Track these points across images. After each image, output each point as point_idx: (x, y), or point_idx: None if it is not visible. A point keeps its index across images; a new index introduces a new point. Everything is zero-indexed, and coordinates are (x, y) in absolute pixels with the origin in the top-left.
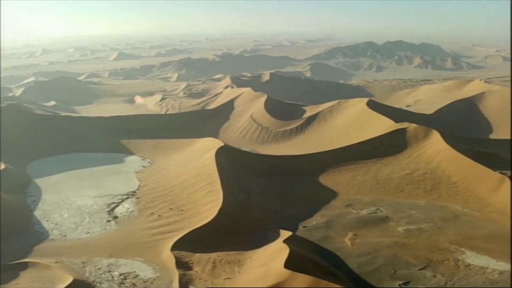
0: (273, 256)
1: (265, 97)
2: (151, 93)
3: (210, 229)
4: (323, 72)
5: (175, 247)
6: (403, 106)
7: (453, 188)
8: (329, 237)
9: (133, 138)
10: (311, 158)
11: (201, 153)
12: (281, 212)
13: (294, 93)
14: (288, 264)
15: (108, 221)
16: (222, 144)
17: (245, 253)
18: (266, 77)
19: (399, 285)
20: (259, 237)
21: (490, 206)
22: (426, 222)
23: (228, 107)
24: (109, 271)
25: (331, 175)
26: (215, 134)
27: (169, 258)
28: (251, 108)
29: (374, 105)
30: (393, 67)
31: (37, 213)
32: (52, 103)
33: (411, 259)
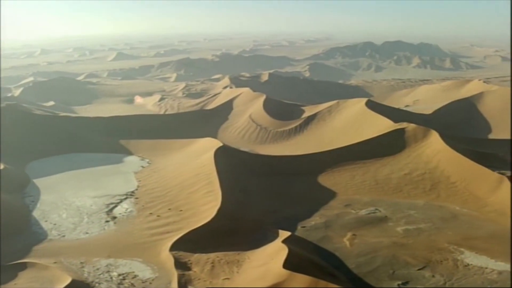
0: (272, 256)
1: (264, 97)
2: (150, 93)
3: (209, 229)
4: (322, 72)
5: (174, 247)
6: (402, 106)
7: (452, 188)
8: (328, 237)
9: (132, 138)
10: (310, 158)
11: (200, 153)
12: (280, 212)
13: (293, 93)
14: (287, 264)
15: (107, 221)
16: (221, 144)
17: (244, 253)
18: (265, 77)
19: (398, 285)
20: (258, 237)
21: (489, 206)
22: (425, 222)
23: (227, 107)
24: (107, 271)
25: (330, 175)
26: (214, 134)
27: (168, 258)
28: (250, 108)
29: (373, 105)
30: (392, 67)
31: (36, 213)
32: (51, 103)
33: (410, 259)
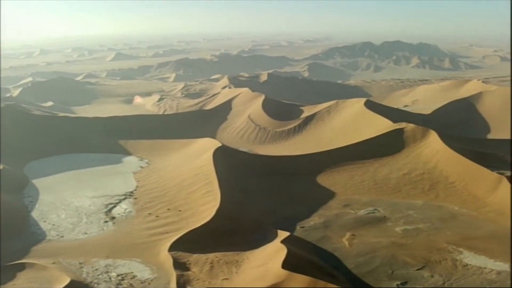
0: (270, 256)
1: (262, 97)
2: (149, 94)
3: (208, 229)
4: (321, 72)
5: (172, 248)
6: (401, 106)
7: (450, 188)
8: (327, 237)
9: (131, 138)
10: (309, 158)
11: (199, 153)
12: (279, 212)
13: (292, 93)
14: (285, 264)
15: (106, 221)
16: (220, 145)
17: (242, 253)
18: (264, 77)
19: (396, 285)
20: (257, 237)
21: (487, 206)
22: (424, 222)
23: (225, 108)
24: (106, 272)
25: (329, 175)
26: (212, 135)
27: (166, 258)
28: (248, 108)
29: (372, 105)
30: (391, 67)
31: (34, 213)
32: (49, 103)
33: (409, 259)
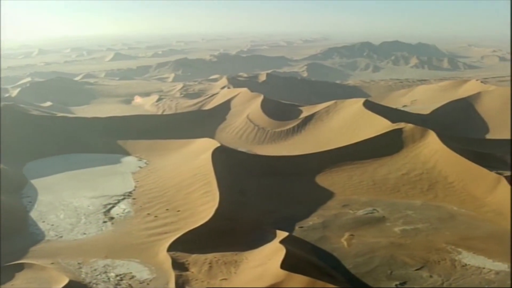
0: (269, 256)
1: (261, 97)
2: (147, 94)
3: (207, 229)
4: (319, 72)
5: (171, 248)
6: (399, 106)
7: (449, 188)
8: (325, 237)
9: (129, 138)
10: (307, 159)
11: (198, 153)
12: (277, 212)
13: (291, 94)
14: (284, 264)
15: (104, 222)
16: (219, 145)
17: (241, 253)
18: (262, 77)
19: (395, 285)
20: (255, 237)
21: (486, 206)
22: (423, 222)
23: (224, 108)
24: (105, 272)
25: (327, 176)
26: (211, 135)
27: (165, 259)
28: (247, 108)
29: (370, 105)
30: (389, 67)
31: (33, 214)
32: (48, 103)
33: (407, 259)
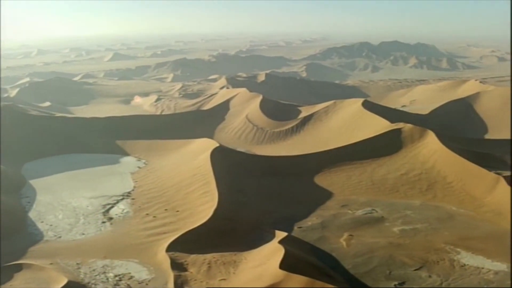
0: (268, 257)
1: (260, 97)
2: (146, 94)
3: (205, 230)
4: (318, 73)
5: (170, 248)
6: (398, 107)
7: (448, 188)
8: (324, 237)
9: (128, 138)
10: (306, 159)
11: (197, 153)
12: (276, 212)
13: (290, 94)
14: (283, 265)
15: (103, 222)
16: (218, 145)
17: (240, 254)
18: (261, 77)
19: (394, 285)
20: (254, 238)
21: (485, 206)
22: (422, 223)
23: (223, 108)
24: (104, 272)
25: (326, 176)
26: (210, 135)
27: (164, 259)
28: (246, 108)
29: (369, 106)
30: (388, 67)
31: (32, 214)
32: (47, 103)
33: (406, 259)
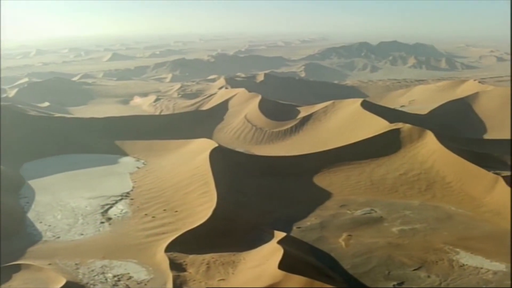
0: (267, 257)
1: (259, 97)
2: (145, 94)
3: (204, 230)
4: (317, 73)
5: (169, 249)
6: (397, 107)
7: (447, 188)
8: (323, 238)
9: (127, 139)
10: (305, 159)
11: (195, 154)
12: (275, 212)
13: (289, 94)
14: (282, 265)
15: (102, 222)
16: (216, 145)
17: (239, 254)
18: (260, 77)
19: (393, 285)
20: (253, 238)
21: (484, 206)
22: (420, 223)
23: (222, 108)
24: (102, 272)
25: (325, 176)
26: (209, 135)
27: (163, 259)
28: (245, 108)
29: (368, 106)
30: (387, 67)
31: (30, 214)
32: (46, 104)
33: (405, 259)
